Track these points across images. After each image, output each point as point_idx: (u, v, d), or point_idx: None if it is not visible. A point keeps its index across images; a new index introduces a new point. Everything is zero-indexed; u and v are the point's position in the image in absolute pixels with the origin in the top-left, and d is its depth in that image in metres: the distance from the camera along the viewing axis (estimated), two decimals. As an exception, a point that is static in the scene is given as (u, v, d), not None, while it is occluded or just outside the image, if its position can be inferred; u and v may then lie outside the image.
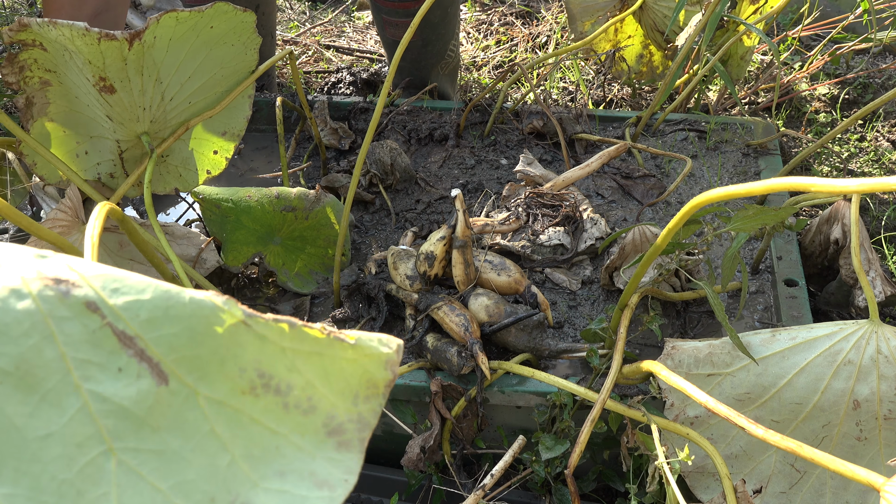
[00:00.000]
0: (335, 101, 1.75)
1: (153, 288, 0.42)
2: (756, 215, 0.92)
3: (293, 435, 0.43)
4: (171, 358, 0.42)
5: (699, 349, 0.92)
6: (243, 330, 0.42)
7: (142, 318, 0.41)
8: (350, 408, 0.44)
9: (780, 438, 0.69)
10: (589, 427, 0.88)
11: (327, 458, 0.42)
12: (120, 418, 0.40)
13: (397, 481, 1.19)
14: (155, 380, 0.41)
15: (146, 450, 0.41)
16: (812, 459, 0.67)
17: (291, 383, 0.43)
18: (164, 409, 0.41)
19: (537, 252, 1.33)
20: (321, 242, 1.33)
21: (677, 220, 0.78)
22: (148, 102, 1.13)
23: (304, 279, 1.32)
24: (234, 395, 0.42)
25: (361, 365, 0.44)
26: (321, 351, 0.43)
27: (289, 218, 1.30)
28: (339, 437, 0.43)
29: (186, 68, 1.14)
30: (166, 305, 0.42)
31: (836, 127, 1.24)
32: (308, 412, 0.43)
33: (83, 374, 0.40)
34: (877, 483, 0.61)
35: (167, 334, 0.41)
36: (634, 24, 1.86)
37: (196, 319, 0.42)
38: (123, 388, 0.41)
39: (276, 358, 0.43)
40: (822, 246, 1.27)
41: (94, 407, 0.40)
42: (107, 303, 0.41)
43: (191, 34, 1.09)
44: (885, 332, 0.87)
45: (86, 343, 0.40)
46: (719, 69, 1.45)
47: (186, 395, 0.42)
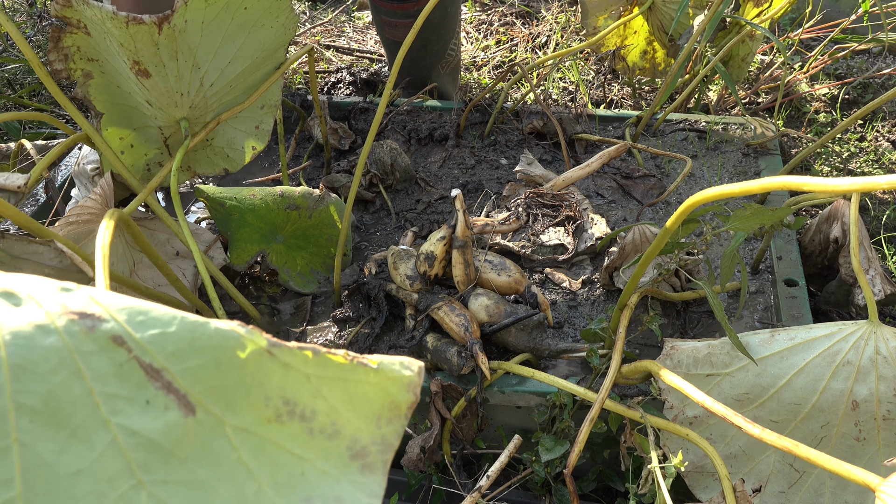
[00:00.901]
0: (335, 101, 1.76)
1: (178, 320, 0.42)
2: (755, 215, 0.92)
3: (318, 460, 0.43)
4: (197, 389, 0.42)
5: (698, 349, 0.92)
6: (268, 358, 0.43)
7: (168, 351, 0.42)
8: (373, 430, 0.44)
9: (776, 438, 0.69)
10: (588, 427, 0.88)
11: (352, 482, 0.43)
12: (149, 451, 0.41)
13: (397, 481, 1.19)
14: (182, 411, 0.41)
15: (175, 481, 0.41)
16: (808, 459, 0.67)
17: (316, 409, 0.43)
18: (191, 440, 0.42)
19: (537, 252, 1.33)
20: (323, 241, 1.34)
21: (674, 219, 0.78)
22: (185, 88, 1.11)
23: (306, 278, 1.33)
24: (260, 423, 0.43)
25: (384, 388, 0.44)
26: (345, 376, 0.44)
27: (293, 216, 1.30)
28: (362, 460, 0.43)
29: (225, 53, 1.12)
30: (192, 337, 0.42)
31: (836, 127, 1.24)
32: (332, 437, 0.43)
33: (111, 408, 0.40)
34: (872, 483, 0.62)
35: (193, 366, 0.42)
36: (640, 20, 1.86)
37: (221, 350, 0.42)
38: (152, 421, 0.41)
39: (301, 385, 0.43)
40: (821, 245, 1.27)
41: (123, 441, 0.40)
42: (133, 336, 0.41)
43: (224, 16, 1.07)
44: (883, 332, 0.87)
45: (113, 377, 0.41)
46: (720, 70, 1.46)
47: (213, 425, 0.42)
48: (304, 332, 1.25)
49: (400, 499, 1.14)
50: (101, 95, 1.13)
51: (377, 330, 1.20)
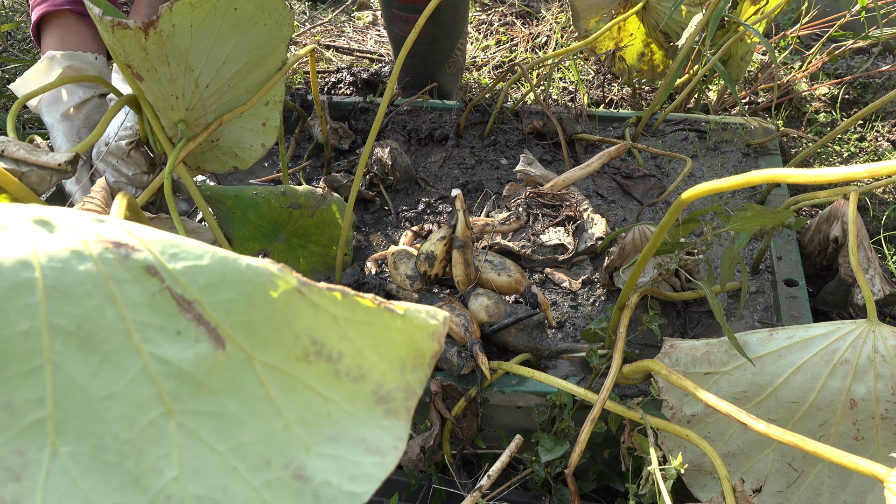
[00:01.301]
0: (335, 101, 1.76)
1: (211, 254, 0.43)
2: (755, 216, 0.93)
3: (344, 402, 0.43)
4: (228, 323, 0.42)
5: (696, 348, 0.92)
6: (298, 297, 0.43)
7: (200, 283, 0.42)
8: (398, 377, 0.44)
9: (782, 433, 0.69)
10: (589, 427, 0.89)
11: (377, 425, 0.43)
12: (179, 381, 0.41)
13: (397, 481, 1.19)
14: (213, 344, 0.42)
15: (205, 412, 0.41)
16: (815, 452, 0.67)
17: (343, 351, 0.44)
18: (221, 373, 0.42)
19: (537, 252, 1.34)
20: (325, 241, 1.34)
21: (669, 215, 0.79)
22: (180, 91, 1.10)
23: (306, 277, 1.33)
24: (289, 361, 0.43)
25: (409, 335, 0.45)
26: (372, 320, 0.44)
27: (295, 215, 1.30)
28: (387, 405, 0.44)
29: (219, 54, 1.11)
30: (224, 271, 0.42)
31: (837, 127, 1.24)
32: (358, 380, 0.44)
33: (143, 336, 0.41)
34: (880, 474, 0.62)
35: (225, 299, 0.42)
36: (636, 22, 1.86)
37: (252, 286, 0.42)
38: (182, 351, 0.41)
39: (329, 326, 0.44)
40: (821, 245, 1.28)
41: (154, 369, 0.41)
42: (166, 267, 0.42)
43: (213, 18, 1.06)
44: (882, 331, 0.87)
45: (145, 306, 0.41)
46: (719, 69, 1.46)
47: (243, 360, 0.42)
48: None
49: (400, 499, 1.14)
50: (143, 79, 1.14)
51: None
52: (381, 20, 2.68)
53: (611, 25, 1.63)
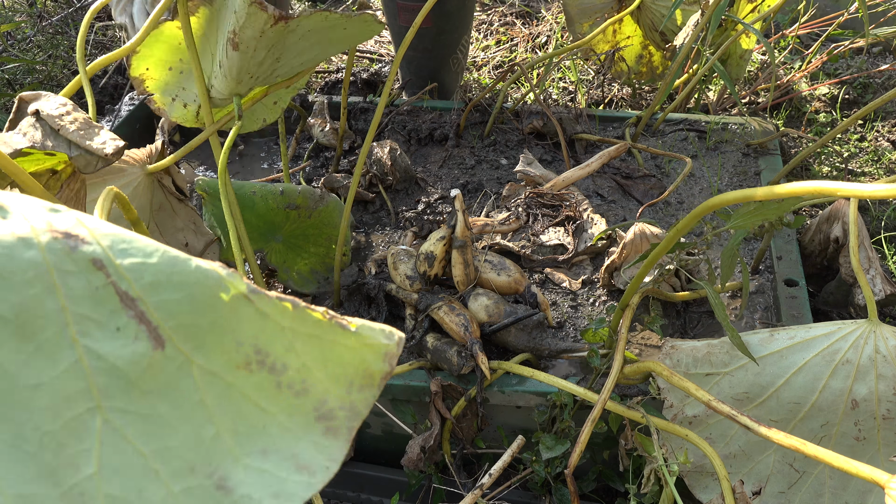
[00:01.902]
0: (335, 101, 1.76)
1: (161, 253, 0.42)
2: (755, 211, 0.92)
3: (282, 415, 0.43)
4: (170, 324, 0.42)
5: (698, 349, 0.92)
6: (245, 304, 0.43)
7: (145, 281, 0.41)
8: (343, 395, 0.43)
9: (783, 436, 0.69)
10: (589, 427, 0.88)
11: (313, 443, 0.42)
12: (112, 377, 0.40)
13: (397, 481, 1.19)
14: (152, 343, 0.41)
15: (134, 412, 0.41)
16: (816, 457, 0.67)
17: (287, 363, 0.43)
18: (156, 374, 0.41)
19: (537, 252, 1.33)
20: (323, 241, 1.34)
21: (686, 222, 0.78)
22: (260, 73, 1.14)
23: (305, 278, 1.33)
24: (229, 369, 0.42)
25: (360, 354, 0.44)
26: (321, 335, 0.43)
27: (292, 216, 1.30)
28: (328, 423, 0.43)
29: (308, 53, 1.16)
30: (171, 271, 0.42)
31: (837, 127, 1.24)
32: (300, 394, 0.43)
33: (81, 329, 0.40)
34: (881, 479, 0.61)
35: (169, 300, 0.42)
36: (633, 24, 1.86)
37: (199, 288, 0.42)
38: (119, 348, 0.41)
39: (275, 336, 0.43)
40: (821, 245, 1.27)
41: (87, 363, 0.40)
42: (113, 262, 0.41)
43: (327, 30, 1.11)
44: (883, 331, 0.87)
45: (88, 299, 0.41)
46: (718, 69, 1.46)
47: (181, 363, 0.42)
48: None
49: (400, 499, 1.14)
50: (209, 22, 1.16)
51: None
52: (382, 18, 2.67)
53: (603, 27, 1.63)
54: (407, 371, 1.10)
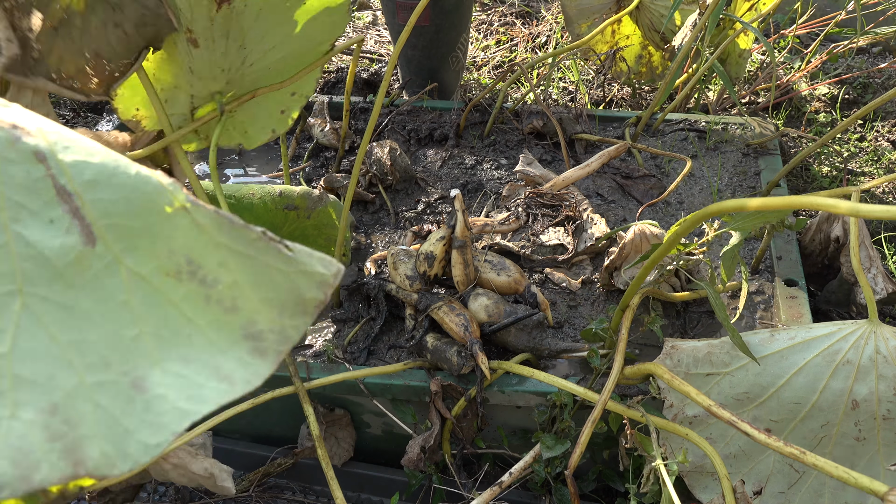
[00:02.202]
0: (335, 101, 1.75)
1: (104, 153, 0.42)
2: (756, 214, 0.92)
3: (209, 328, 0.43)
4: (103, 222, 0.42)
5: (698, 349, 0.92)
6: (182, 214, 0.43)
7: (84, 178, 0.42)
8: (274, 318, 0.43)
9: (782, 444, 0.69)
10: (590, 428, 0.88)
11: (237, 359, 0.42)
12: (38, 265, 0.41)
13: (397, 481, 1.19)
14: (83, 239, 0.41)
15: (55, 301, 0.41)
16: (815, 466, 0.67)
17: (219, 278, 0.43)
18: (84, 269, 0.42)
19: (537, 252, 1.33)
20: (322, 242, 1.33)
21: (683, 229, 0.78)
22: (228, 64, 1.12)
23: None
24: (158, 274, 0.43)
25: (294, 280, 0.44)
26: (256, 255, 0.43)
27: (291, 216, 1.30)
28: (255, 343, 0.43)
29: (272, 39, 1.13)
30: (111, 171, 0.42)
31: (836, 127, 1.24)
32: (229, 311, 0.43)
33: (13, 215, 0.41)
34: (880, 491, 0.61)
35: (105, 199, 0.42)
36: (632, 25, 1.86)
37: (137, 192, 0.42)
38: (50, 239, 0.41)
39: (209, 250, 0.43)
40: (822, 244, 1.27)
41: (15, 248, 0.40)
42: (55, 157, 0.42)
43: (281, 5, 1.09)
44: (883, 332, 0.87)
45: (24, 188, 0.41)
46: (717, 68, 1.45)
47: (110, 262, 0.42)
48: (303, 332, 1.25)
49: (400, 499, 1.14)
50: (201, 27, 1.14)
51: (377, 330, 1.20)
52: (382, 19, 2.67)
53: (602, 28, 1.63)
54: (400, 371, 1.09)
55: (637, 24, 1.84)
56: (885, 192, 1.70)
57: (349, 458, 1.21)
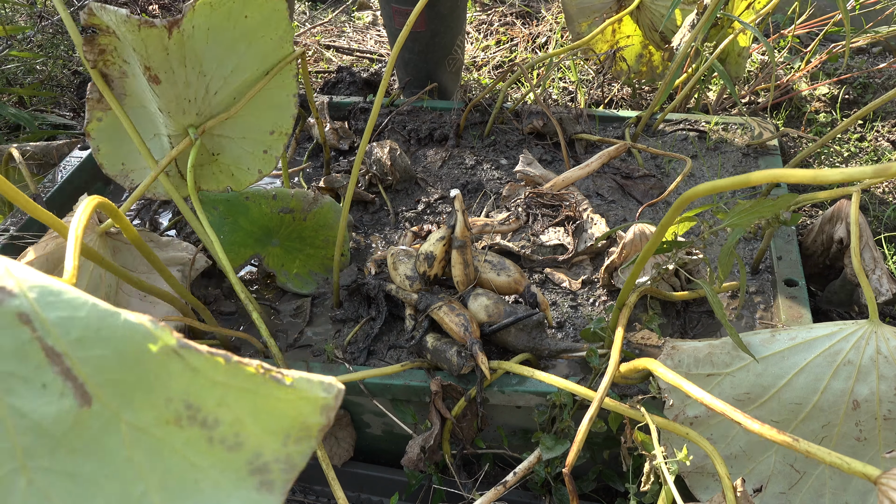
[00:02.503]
0: (335, 101, 1.75)
1: (90, 307, 0.41)
2: (752, 209, 0.92)
3: (214, 470, 0.42)
4: (96, 380, 0.41)
5: (699, 349, 0.91)
6: (175, 359, 0.42)
7: (72, 337, 0.40)
8: (279, 448, 0.42)
9: (775, 432, 0.69)
10: (587, 426, 0.88)
11: (245, 499, 0.41)
12: (37, 436, 0.40)
13: (397, 481, 1.19)
14: (78, 400, 0.40)
15: (59, 471, 0.40)
16: (808, 453, 0.67)
17: (220, 418, 0.42)
18: (83, 432, 0.40)
19: (537, 252, 1.33)
20: (320, 243, 1.33)
21: (670, 215, 0.78)
22: (193, 94, 1.13)
23: (304, 279, 1.32)
24: (158, 424, 0.42)
25: (296, 407, 0.43)
26: (255, 389, 0.42)
27: (286, 220, 1.30)
28: (262, 477, 0.42)
29: (228, 62, 1.14)
30: (98, 326, 0.41)
31: (837, 127, 1.23)
32: (233, 448, 0.42)
33: (6, 386, 0.40)
34: (872, 475, 0.62)
35: (96, 355, 0.41)
36: (633, 24, 1.86)
37: (127, 343, 0.41)
38: (45, 406, 0.40)
39: (207, 391, 0.42)
40: (824, 245, 1.27)
41: (11, 422, 0.39)
42: (39, 316, 0.40)
43: (227, 24, 1.09)
44: (884, 332, 0.87)
45: (13, 355, 0.40)
46: (717, 68, 1.45)
47: (108, 419, 0.41)
48: (303, 333, 1.25)
49: (400, 499, 1.14)
50: (133, 97, 1.15)
51: (377, 330, 1.20)
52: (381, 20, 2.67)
53: (603, 27, 1.63)
54: (400, 371, 1.09)
55: (638, 23, 1.84)
56: (885, 191, 1.70)
57: (349, 458, 1.20)
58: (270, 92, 1.24)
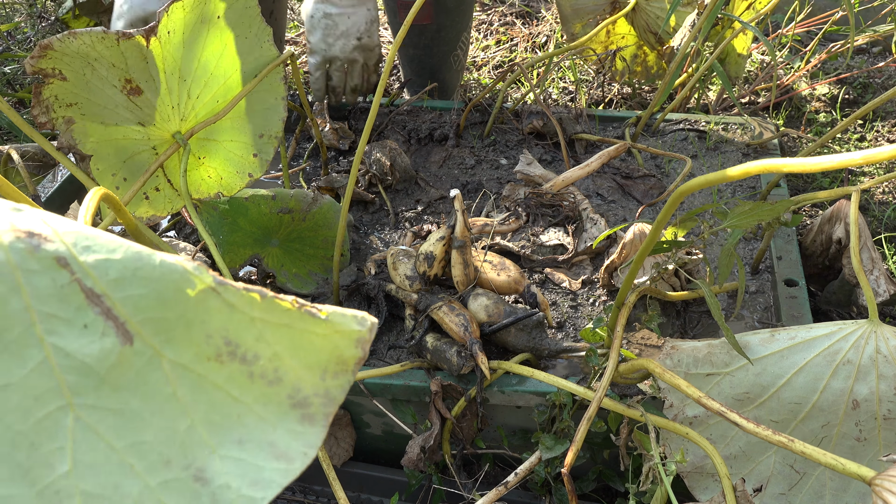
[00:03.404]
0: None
1: (125, 248, 0.42)
2: (752, 211, 0.92)
3: (256, 405, 0.43)
4: (137, 318, 0.42)
5: (698, 349, 0.91)
6: (212, 296, 0.42)
7: (111, 277, 0.41)
8: (317, 382, 0.43)
9: (770, 432, 0.69)
10: (585, 425, 0.88)
11: (289, 430, 0.42)
12: (81, 374, 0.40)
13: (397, 481, 1.19)
14: (119, 339, 0.41)
15: (105, 408, 0.41)
16: (803, 453, 0.67)
17: (259, 353, 0.43)
18: (126, 369, 0.41)
19: (537, 252, 1.33)
20: (319, 243, 1.33)
21: (665, 211, 0.78)
22: (175, 101, 1.13)
23: (304, 279, 1.32)
24: (199, 361, 0.43)
25: (332, 341, 0.44)
26: (291, 323, 0.43)
27: (286, 220, 1.30)
28: (303, 410, 0.43)
29: (206, 65, 1.14)
30: (136, 266, 0.42)
31: (836, 127, 1.23)
32: (273, 383, 0.43)
33: (48, 327, 0.40)
34: (867, 476, 0.62)
35: (135, 295, 0.41)
36: (627, 25, 1.86)
37: (165, 283, 0.42)
38: (87, 345, 0.41)
39: (245, 327, 0.43)
40: (823, 245, 1.27)
41: (55, 361, 0.40)
42: (77, 259, 0.41)
43: (201, 27, 1.09)
44: (884, 331, 0.87)
45: (53, 297, 0.40)
46: (717, 68, 1.45)
47: (150, 357, 0.42)
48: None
49: (400, 499, 1.14)
50: (86, 138, 1.13)
51: (376, 330, 1.20)
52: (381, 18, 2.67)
53: (598, 30, 1.63)
54: (400, 371, 1.09)
55: (633, 25, 1.84)
56: (885, 191, 1.70)
57: (349, 458, 1.21)
58: (258, 95, 1.24)
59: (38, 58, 1.00)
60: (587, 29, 1.85)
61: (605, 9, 1.83)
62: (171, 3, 1.03)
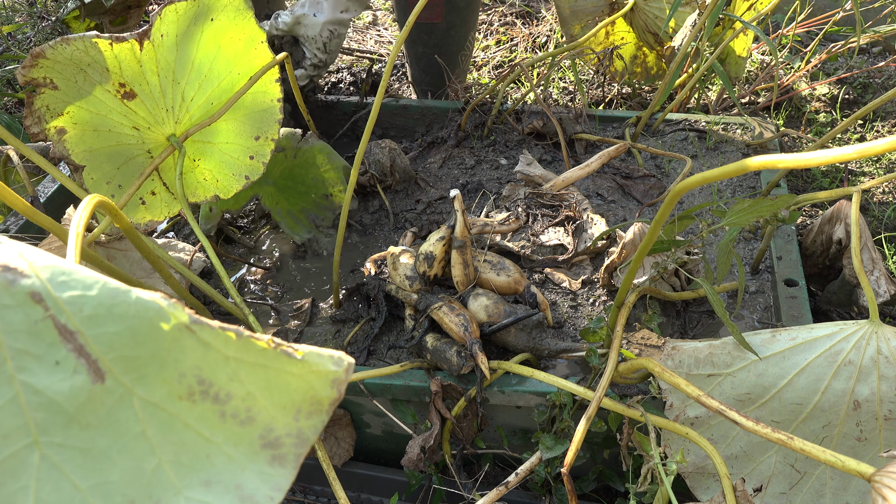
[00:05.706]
0: (335, 101, 1.75)
1: (101, 284, 0.41)
2: (750, 208, 0.92)
3: (226, 445, 0.42)
4: (110, 356, 0.41)
5: (699, 349, 0.91)
6: (187, 335, 0.42)
7: (85, 314, 0.41)
8: (290, 422, 0.43)
9: (769, 430, 0.69)
10: (585, 425, 0.88)
11: (258, 472, 0.42)
12: (50, 412, 0.40)
13: (397, 481, 1.19)
14: (91, 377, 0.41)
15: (72, 446, 0.40)
16: (802, 451, 0.67)
17: (231, 392, 0.42)
18: (96, 407, 0.41)
19: (537, 252, 1.33)
20: (309, 181, 1.42)
21: (663, 210, 0.78)
22: (170, 103, 1.13)
23: (296, 218, 1.39)
24: (171, 400, 0.42)
25: (307, 381, 0.43)
26: (266, 363, 0.43)
27: (279, 157, 1.38)
28: (274, 451, 0.42)
29: (200, 68, 1.14)
30: (111, 303, 0.41)
31: (836, 127, 1.23)
32: (245, 423, 0.42)
33: (19, 364, 0.40)
34: (866, 473, 0.62)
35: (109, 332, 0.41)
36: (626, 26, 1.86)
37: (140, 320, 0.41)
38: (58, 382, 0.40)
39: (219, 366, 0.42)
40: (823, 245, 1.27)
41: (24, 398, 0.40)
42: (52, 295, 0.41)
43: (194, 29, 1.09)
44: (885, 332, 0.87)
45: (26, 334, 0.40)
46: (717, 68, 1.45)
47: (121, 395, 0.41)
48: (303, 333, 1.25)
49: (400, 499, 1.14)
50: (78, 147, 1.13)
51: (376, 330, 1.20)
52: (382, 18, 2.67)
53: (596, 30, 1.63)
54: (400, 371, 1.09)
55: (632, 25, 1.84)
56: (886, 191, 1.70)
57: (349, 458, 1.20)
58: (253, 97, 1.24)
59: (29, 67, 1.00)
60: (586, 30, 1.85)
61: (603, 10, 1.83)
62: (165, 5, 1.03)
